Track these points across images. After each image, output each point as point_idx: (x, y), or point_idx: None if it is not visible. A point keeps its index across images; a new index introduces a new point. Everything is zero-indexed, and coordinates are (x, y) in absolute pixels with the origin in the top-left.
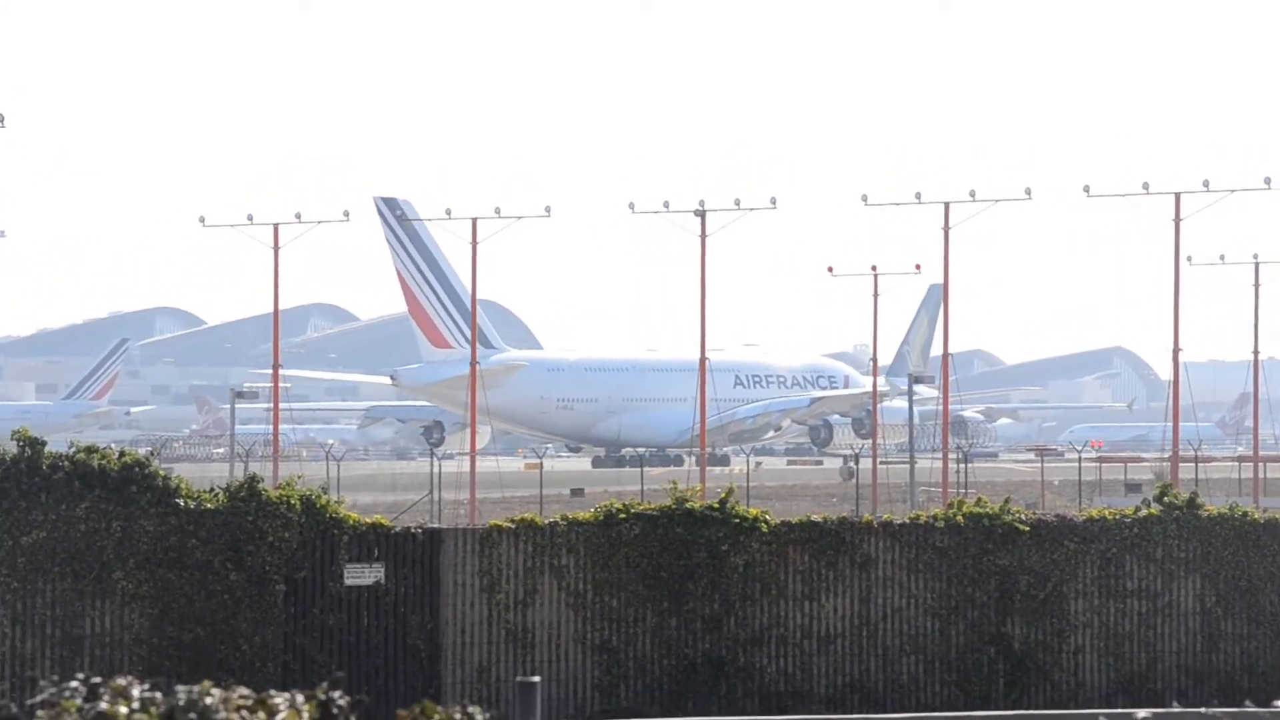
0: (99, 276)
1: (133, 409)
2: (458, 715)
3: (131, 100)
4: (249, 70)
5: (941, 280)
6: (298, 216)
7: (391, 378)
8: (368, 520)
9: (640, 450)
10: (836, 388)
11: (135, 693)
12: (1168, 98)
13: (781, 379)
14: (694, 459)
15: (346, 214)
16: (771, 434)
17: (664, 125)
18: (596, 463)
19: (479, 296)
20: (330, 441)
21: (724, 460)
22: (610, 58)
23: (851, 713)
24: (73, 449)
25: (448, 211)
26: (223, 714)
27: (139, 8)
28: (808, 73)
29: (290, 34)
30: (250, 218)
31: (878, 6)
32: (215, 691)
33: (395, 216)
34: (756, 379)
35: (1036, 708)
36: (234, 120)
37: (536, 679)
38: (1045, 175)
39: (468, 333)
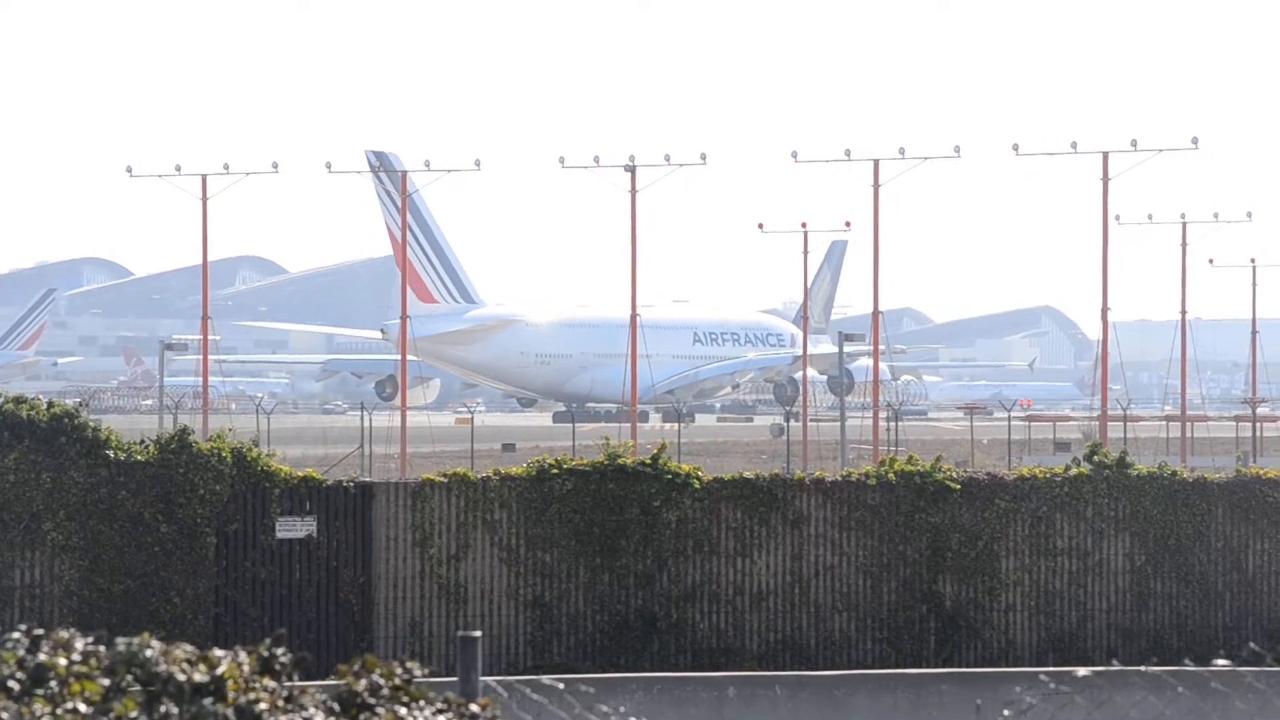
0: (25, 226)
1: (60, 360)
2: (397, 670)
3: (57, 49)
4: (175, 19)
5: (872, 237)
6: (226, 167)
7: (381, 332)
8: (299, 473)
9: (610, 406)
10: (784, 345)
11: (78, 645)
12: (1097, 57)
13: (736, 336)
14: (660, 415)
15: (275, 165)
16: (728, 390)
17: (595, 79)
18: (558, 418)
19: (448, 250)
20: (260, 395)
21: (689, 417)
22: (542, 12)
23: (783, 669)
24: (1, 399)
25: (373, 164)
26: (164, 667)
27: None
28: (737, 28)
29: None
30: (178, 168)
31: None
32: (155, 644)
33: (385, 171)
34: (714, 336)
35: (967, 665)
36: (161, 69)
37: (478, 634)
38: (975, 133)
39: (453, 288)
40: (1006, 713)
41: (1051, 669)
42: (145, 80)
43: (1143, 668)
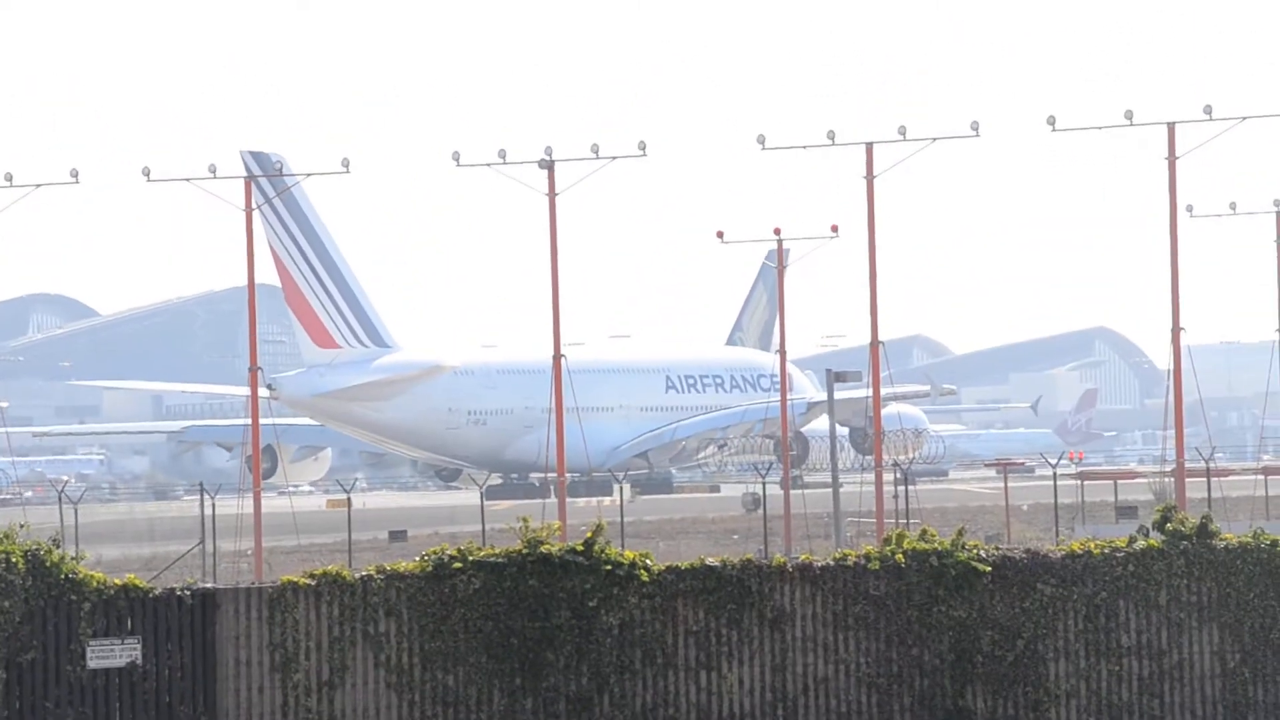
0: None
1: None
2: None
3: None
4: None
5: (867, 244)
6: (9, 179)
7: (269, 387)
8: (117, 581)
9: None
10: (777, 388)
11: None
12: (1151, 12)
13: (719, 380)
14: (630, 486)
15: (75, 174)
16: (712, 451)
17: (505, 62)
18: (492, 493)
19: (351, 280)
20: (65, 477)
21: (666, 484)
22: None
23: None
24: None
25: (212, 169)
26: None
27: None
28: None
29: None
30: None
31: None
32: None
33: (268, 177)
34: (691, 381)
35: None
36: None
37: None
38: (997, 107)
39: (359, 328)
40: None
41: None
42: None
43: None
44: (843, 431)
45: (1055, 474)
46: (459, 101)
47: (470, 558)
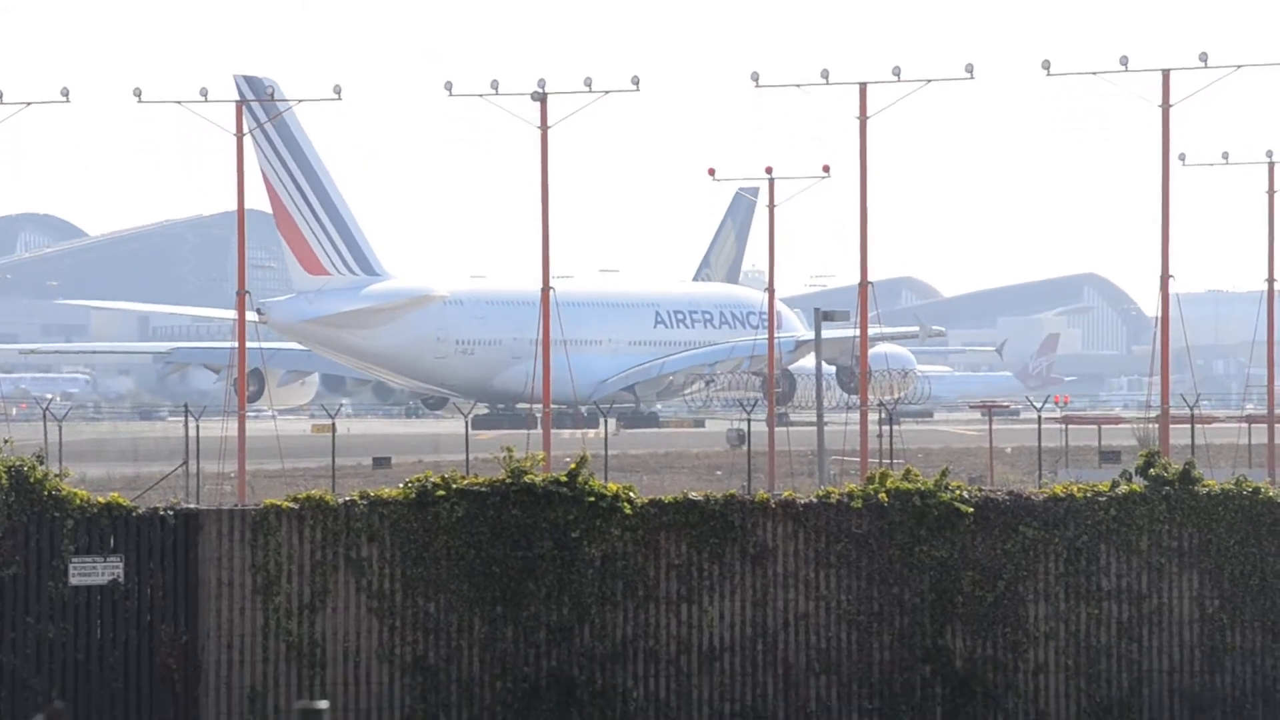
0: None
1: None
2: None
3: None
4: None
5: (859, 185)
6: None
7: (258, 312)
8: (101, 499)
9: (553, 407)
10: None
11: None
12: None
13: (708, 315)
14: (615, 419)
15: (65, 93)
16: (700, 388)
17: None
18: (479, 423)
19: (342, 207)
20: (50, 395)
21: (651, 419)
22: None
23: None
24: None
25: (203, 92)
26: None
27: None
28: None
29: None
30: None
31: None
32: None
33: (260, 102)
34: (680, 316)
35: None
36: None
37: (324, 705)
38: (992, 51)
39: (349, 256)
40: None
41: None
42: None
43: None
44: (830, 370)
45: (1040, 417)
46: (452, 31)
47: (454, 486)
